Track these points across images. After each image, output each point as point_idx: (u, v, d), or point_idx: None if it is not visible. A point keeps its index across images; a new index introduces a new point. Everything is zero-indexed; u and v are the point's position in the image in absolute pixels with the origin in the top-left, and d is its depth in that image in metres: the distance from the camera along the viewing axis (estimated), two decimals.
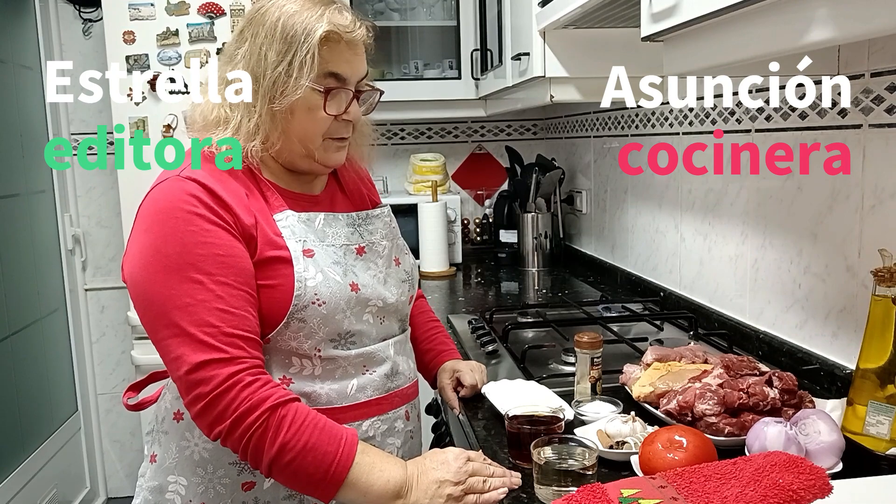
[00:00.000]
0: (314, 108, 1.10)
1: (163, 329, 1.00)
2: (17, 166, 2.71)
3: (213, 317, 0.99)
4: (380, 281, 1.18)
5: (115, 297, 3.19)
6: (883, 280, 1.04)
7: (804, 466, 0.86)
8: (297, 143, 1.12)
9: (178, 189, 1.04)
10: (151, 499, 1.16)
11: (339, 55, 1.10)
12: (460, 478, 1.01)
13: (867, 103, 1.26)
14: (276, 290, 1.06)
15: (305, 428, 0.99)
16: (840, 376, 1.33)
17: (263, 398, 0.99)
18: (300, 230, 1.11)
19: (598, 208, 2.67)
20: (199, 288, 1.00)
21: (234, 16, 2.60)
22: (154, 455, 1.17)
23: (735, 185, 1.69)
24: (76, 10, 3.04)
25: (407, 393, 1.23)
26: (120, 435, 3.28)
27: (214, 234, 1.02)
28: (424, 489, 1.01)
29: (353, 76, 1.13)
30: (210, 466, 1.11)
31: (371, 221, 1.23)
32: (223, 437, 1.00)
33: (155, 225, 1.03)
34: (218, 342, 0.99)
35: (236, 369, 0.99)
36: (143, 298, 1.02)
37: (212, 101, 1.13)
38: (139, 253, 1.03)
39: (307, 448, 0.99)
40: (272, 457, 0.98)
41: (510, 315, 2.01)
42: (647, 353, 1.38)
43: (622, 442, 1.10)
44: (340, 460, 0.99)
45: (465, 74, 2.83)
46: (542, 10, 1.79)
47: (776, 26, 0.89)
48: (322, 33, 1.07)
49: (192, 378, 0.98)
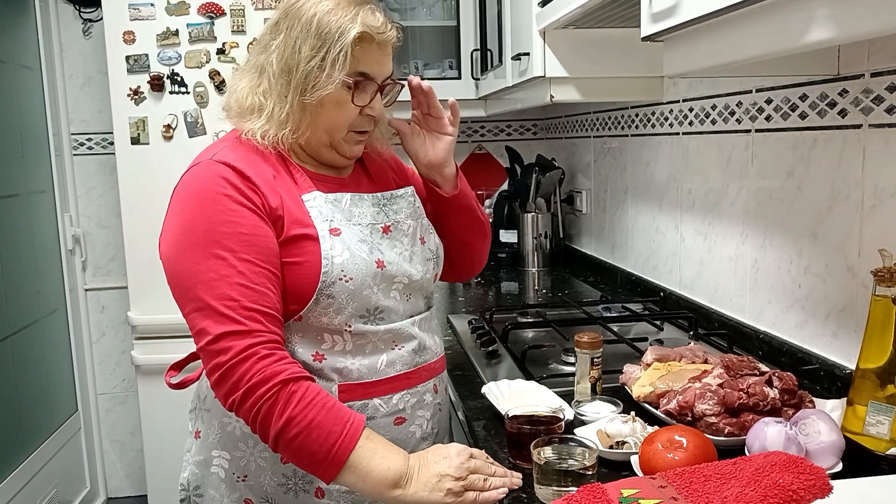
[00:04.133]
0: (343, 103, 1.14)
1: (189, 303, 1.06)
2: (17, 166, 2.71)
3: (234, 291, 1.04)
4: (405, 259, 1.21)
5: (115, 297, 3.19)
6: (883, 280, 1.04)
7: (804, 466, 0.86)
8: (324, 133, 1.17)
9: (209, 172, 1.10)
10: (198, 472, 1.23)
11: (370, 55, 1.14)
12: (461, 473, 1.02)
13: (867, 103, 1.26)
14: (303, 266, 1.10)
15: (313, 406, 1.02)
16: (840, 376, 1.33)
17: (277, 372, 1.02)
18: (327, 210, 1.15)
19: (598, 208, 2.67)
20: (222, 264, 1.05)
21: (234, 16, 2.60)
22: (198, 431, 1.24)
23: (735, 185, 1.69)
24: (76, 10, 3.04)
25: (434, 367, 1.26)
26: (120, 435, 3.28)
27: (240, 214, 1.07)
28: (424, 482, 1.02)
29: (381, 75, 1.17)
30: (251, 441, 1.16)
31: (395, 201, 1.26)
32: (236, 406, 1.03)
33: (187, 206, 1.10)
34: (238, 315, 1.03)
35: (253, 342, 1.03)
36: (174, 275, 1.08)
37: (247, 89, 1.17)
38: (171, 232, 1.10)
39: (312, 425, 1.01)
40: (278, 430, 1.01)
41: (510, 315, 2.01)
42: (647, 353, 1.38)
43: (622, 442, 1.11)
44: (344, 441, 1.02)
45: (465, 74, 2.83)
46: (542, 10, 1.79)
47: (776, 26, 0.89)
48: (356, 34, 1.10)
49: (212, 348, 1.03)
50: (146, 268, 2.64)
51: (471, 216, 1.37)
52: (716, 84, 1.75)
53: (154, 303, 2.66)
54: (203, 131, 2.64)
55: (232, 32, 2.61)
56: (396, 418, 1.19)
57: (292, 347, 1.13)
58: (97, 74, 3.04)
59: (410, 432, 1.20)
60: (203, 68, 2.61)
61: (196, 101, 2.62)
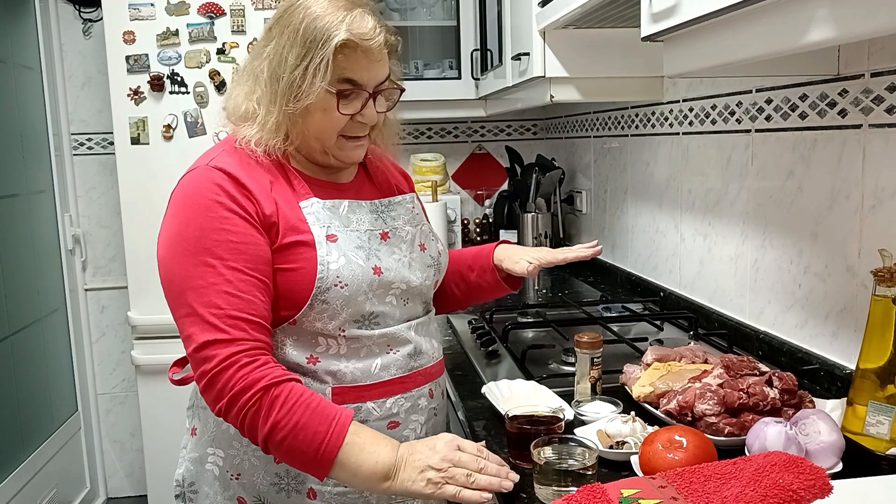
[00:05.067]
0: (329, 110, 1.13)
1: (179, 308, 1.07)
2: (17, 166, 2.71)
3: (220, 299, 1.05)
4: (404, 265, 1.21)
5: (115, 297, 3.19)
6: (883, 280, 1.04)
7: (804, 466, 0.86)
8: (315, 140, 1.16)
9: (204, 178, 1.11)
10: (193, 469, 1.24)
11: (356, 62, 1.12)
12: (443, 465, 1.02)
13: (867, 103, 1.26)
14: (298, 272, 1.10)
15: (297, 408, 1.02)
16: (840, 376, 1.33)
17: (257, 378, 1.03)
18: (324, 216, 1.15)
19: (598, 208, 2.67)
20: (210, 271, 1.06)
21: (234, 16, 2.60)
22: (194, 428, 1.26)
23: (735, 185, 1.69)
24: (76, 10, 3.04)
25: (430, 372, 1.26)
26: (120, 435, 3.28)
27: (232, 222, 1.08)
28: (409, 472, 1.03)
29: (370, 81, 1.15)
30: (244, 440, 1.16)
31: (394, 208, 1.26)
32: (223, 413, 1.05)
33: (181, 211, 1.10)
34: (222, 323, 1.04)
35: (235, 350, 1.03)
36: (166, 278, 1.10)
37: (241, 95, 1.17)
38: (166, 236, 1.11)
39: (297, 427, 1.02)
40: (265, 435, 1.03)
41: (510, 315, 2.01)
42: (647, 353, 1.38)
43: (622, 442, 1.11)
44: (330, 440, 1.02)
45: (465, 74, 2.83)
46: (542, 10, 1.79)
47: (776, 26, 0.89)
48: (338, 42, 1.08)
49: (198, 356, 1.04)
50: (146, 268, 2.64)
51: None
52: (716, 84, 1.75)
53: (154, 303, 2.66)
54: (203, 131, 2.64)
55: (232, 32, 2.61)
56: (390, 422, 1.19)
57: (286, 350, 1.13)
58: (97, 74, 3.04)
59: (404, 436, 1.20)
60: (203, 68, 2.61)
61: (196, 101, 2.62)
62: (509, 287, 1.40)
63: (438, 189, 2.88)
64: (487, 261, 1.39)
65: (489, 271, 1.39)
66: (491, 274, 1.39)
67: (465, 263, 1.43)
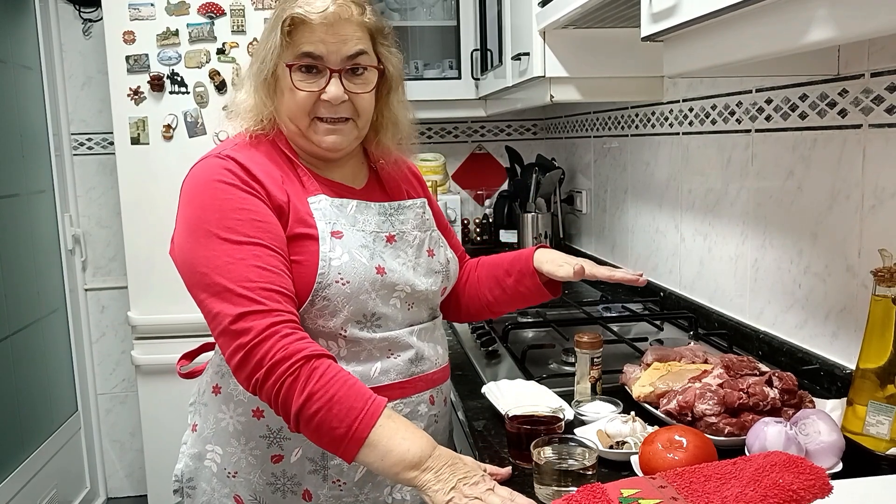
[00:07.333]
0: (293, 88, 1.15)
1: (204, 290, 1.06)
2: (17, 166, 2.71)
3: (251, 273, 1.04)
4: (409, 268, 1.20)
5: (115, 297, 3.19)
6: (883, 280, 1.04)
7: (804, 466, 0.86)
8: (289, 121, 1.18)
9: (214, 165, 1.12)
10: (192, 465, 1.25)
11: (311, 35, 1.13)
12: (470, 495, 0.95)
13: (867, 103, 1.26)
14: (301, 266, 1.11)
15: (335, 381, 1.00)
16: (840, 376, 1.33)
17: (299, 349, 1.01)
18: (331, 213, 1.15)
19: (598, 208, 2.67)
20: (237, 248, 1.05)
21: (234, 16, 2.60)
22: (195, 425, 1.27)
23: (735, 185, 1.69)
24: (76, 10, 3.04)
25: (432, 378, 1.24)
26: (120, 435, 3.28)
27: (250, 202, 1.09)
28: (439, 481, 0.97)
29: (331, 55, 1.14)
30: (243, 438, 1.18)
31: (402, 212, 1.25)
32: (259, 385, 1.02)
33: (196, 197, 1.11)
34: (257, 295, 1.03)
35: (275, 320, 1.02)
36: (188, 265, 1.09)
37: (242, 92, 1.21)
38: (184, 223, 1.11)
39: (334, 400, 0.99)
40: (300, 405, 0.99)
41: (510, 315, 2.01)
42: (647, 353, 1.38)
43: (622, 442, 1.10)
44: (365, 417, 0.99)
45: (465, 74, 2.83)
46: (542, 10, 1.79)
47: (776, 26, 0.89)
48: (286, 17, 1.13)
49: (234, 328, 1.02)
50: (146, 268, 2.64)
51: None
52: (716, 84, 1.75)
53: (154, 303, 2.66)
54: (203, 131, 2.64)
55: (232, 32, 2.61)
56: None
57: None
58: (97, 74, 3.04)
59: None
60: (203, 68, 2.61)
61: (196, 101, 2.62)
62: (550, 293, 1.33)
63: (438, 189, 2.88)
64: (527, 265, 1.33)
65: (529, 276, 1.32)
66: (531, 279, 1.32)
67: (501, 268, 1.38)
